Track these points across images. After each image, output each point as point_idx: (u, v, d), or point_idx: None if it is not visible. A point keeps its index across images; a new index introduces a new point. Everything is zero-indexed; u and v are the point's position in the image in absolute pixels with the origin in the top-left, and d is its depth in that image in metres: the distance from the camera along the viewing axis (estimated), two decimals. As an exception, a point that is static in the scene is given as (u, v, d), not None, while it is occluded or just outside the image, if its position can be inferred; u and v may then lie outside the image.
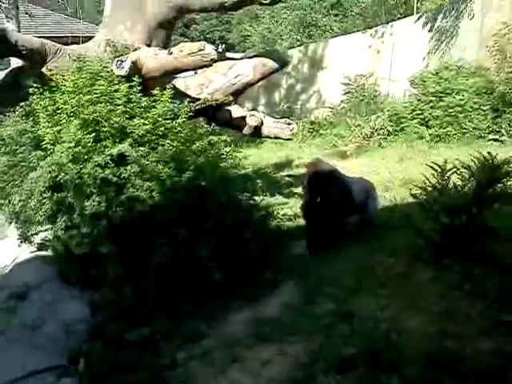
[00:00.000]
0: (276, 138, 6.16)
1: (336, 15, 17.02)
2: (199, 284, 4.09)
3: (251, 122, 5.82)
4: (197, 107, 5.05)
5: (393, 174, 7.19)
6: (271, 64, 6.01)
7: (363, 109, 11.01)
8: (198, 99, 5.45)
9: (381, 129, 9.67)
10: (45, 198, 4.37)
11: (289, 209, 5.77)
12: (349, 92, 12.33)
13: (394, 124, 9.70)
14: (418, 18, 11.80)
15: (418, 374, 2.84)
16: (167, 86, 4.95)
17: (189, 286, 4.13)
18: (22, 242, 4.70)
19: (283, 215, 5.51)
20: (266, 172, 6.38)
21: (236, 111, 6.07)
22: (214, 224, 4.11)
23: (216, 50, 5.19)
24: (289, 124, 5.92)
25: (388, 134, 9.59)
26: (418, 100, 9.69)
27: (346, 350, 3.14)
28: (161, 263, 4.04)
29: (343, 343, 3.22)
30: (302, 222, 5.10)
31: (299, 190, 6.69)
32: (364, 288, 3.92)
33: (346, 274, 4.16)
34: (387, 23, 12.75)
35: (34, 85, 4.95)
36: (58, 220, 4.43)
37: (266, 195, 5.47)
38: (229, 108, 6.03)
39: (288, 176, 7.31)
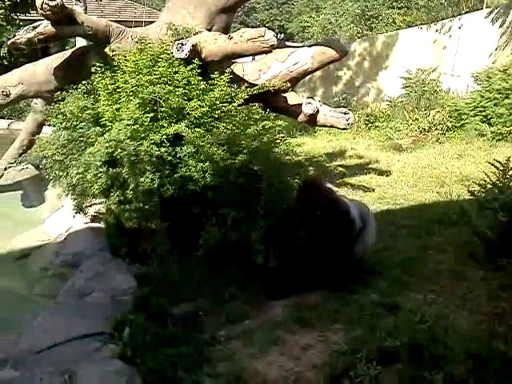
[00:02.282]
0: (331, 127, 6.05)
1: (400, 7, 16.60)
2: (245, 266, 4.13)
3: (307, 109, 5.74)
4: (254, 92, 5.05)
5: (450, 169, 6.97)
6: (331, 53, 5.90)
7: (422, 103, 10.73)
8: (255, 85, 5.45)
9: (439, 124, 9.41)
10: (100, 172, 4.51)
11: (339, 199, 5.69)
12: (408, 86, 12.05)
13: (454, 120, 9.42)
14: (489, 13, 11.31)
15: (463, 373, 2.75)
16: (225, 71, 4.99)
17: (235, 267, 4.17)
18: (76, 213, 4.90)
19: (333, 204, 5.43)
20: (318, 160, 6.32)
21: (292, 98, 6.01)
22: (264, 208, 4.11)
23: (276, 36, 5.16)
24: (345, 113, 5.79)
25: (447, 130, 9.33)
26: (482, 96, 9.34)
27: (389, 342, 3.08)
28: (208, 243, 4.10)
29: (386, 335, 3.16)
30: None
31: (351, 180, 6.63)
32: (411, 282, 3.83)
33: (393, 267, 4.09)
34: (453, 17, 12.32)
35: (97, 64, 5.13)
36: (112, 194, 4.57)
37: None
38: (285, 95, 5.99)
39: (340, 166, 7.24)
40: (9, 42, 5.45)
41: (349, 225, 3.99)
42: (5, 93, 5.78)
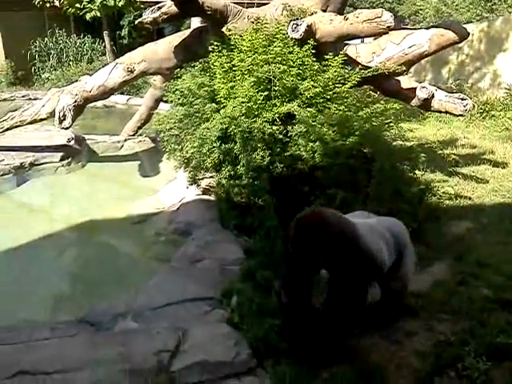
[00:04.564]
0: (446, 113, 5.82)
1: (528, -14, 15.27)
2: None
3: (421, 94, 5.57)
4: (367, 74, 4.98)
5: None
6: (450, 35, 5.62)
7: (547, 92, 9.87)
8: (368, 67, 5.37)
9: None
10: (214, 147, 4.72)
11: (450, 187, 5.48)
12: (533, 73, 11.13)
13: None
14: None
15: None
16: (340, 52, 4.97)
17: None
18: (190, 185, 5.17)
19: (443, 193, 5.26)
20: (431, 147, 6.11)
21: (405, 82, 5.85)
22: (375, 190, 4.09)
23: (393, 17, 5.04)
24: (463, 99, 5.54)
25: None
26: None
27: (502, 339, 2.97)
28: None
29: (498, 331, 3.05)
30: (463, 202, 4.83)
31: (463, 169, 6.31)
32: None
33: (508, 262, 3.89)
34: None
35: (214, 43, 5.33)
36: (223, 169, 4.78)
37: (426, 170, 5.25)
38: (398, 78, 5.84)
39: (452, 154, 6.94)
40: (137, 22, 5.84)
41: (368, 264, 2.99)
42: (129, 69, 6.20)
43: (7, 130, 6.78)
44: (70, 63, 13.60)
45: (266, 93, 4.68)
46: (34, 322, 3.47)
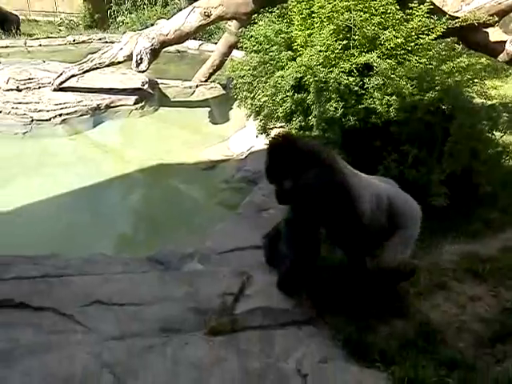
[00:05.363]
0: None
1: None
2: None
3: (511, 48, 5.19)
4: (455, 25, 4.66)
5: None
6: (556, -21, 5.14)
7: None
8: (455, 17, 5.02)
9: None
10: (287, 96, 4.65)
11: (531, 151, 5.15)
12: None
13: None
14: None
15: None
16: (426, 0, 4.67)
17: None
18: (260, 134, 5.17)
19: (522, 157, 4.95)
20: (515, 106, 5.69)
21: (494, 34, 5.46)
22: (451, 149, 3.92)
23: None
24: (557, 55, 5.12)
25: None
26: None
27: None
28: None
29: None
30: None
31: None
32: None
33: None
34: None
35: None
36: (294, 119, 4.70)
37: (506, 132, 4.94)
38: (485, 30, 5.45)
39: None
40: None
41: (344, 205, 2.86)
42: (206, 13, 6.17)
43: (87, 71, 7.00)
44: (145, 7, 13.63)
45: (344, 42, 4.49)
46: (107, 257, 3.69)
